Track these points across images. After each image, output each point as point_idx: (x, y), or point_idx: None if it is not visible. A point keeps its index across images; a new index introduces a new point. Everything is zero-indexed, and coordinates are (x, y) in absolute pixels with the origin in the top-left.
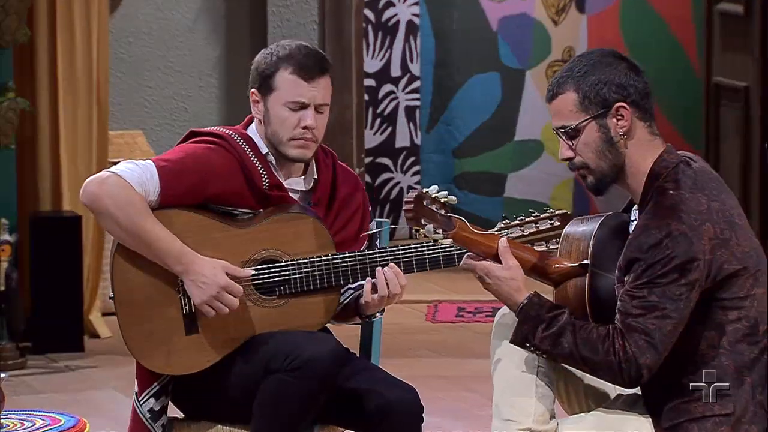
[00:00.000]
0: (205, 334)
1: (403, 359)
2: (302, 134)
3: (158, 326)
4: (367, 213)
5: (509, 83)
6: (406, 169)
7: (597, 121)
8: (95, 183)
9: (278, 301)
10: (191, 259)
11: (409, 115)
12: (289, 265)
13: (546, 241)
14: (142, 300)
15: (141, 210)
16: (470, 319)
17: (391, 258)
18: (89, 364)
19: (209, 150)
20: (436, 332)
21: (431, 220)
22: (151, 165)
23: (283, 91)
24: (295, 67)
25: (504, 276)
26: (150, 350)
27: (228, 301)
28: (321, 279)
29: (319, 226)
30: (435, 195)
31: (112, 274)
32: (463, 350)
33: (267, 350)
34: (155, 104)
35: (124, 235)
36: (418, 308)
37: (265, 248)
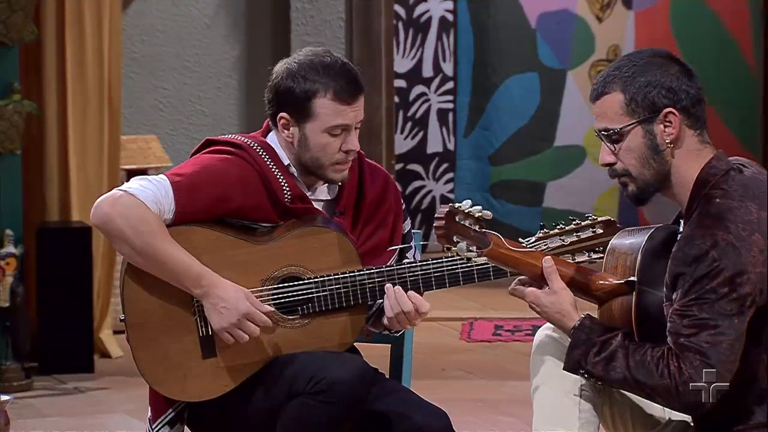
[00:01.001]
0: (223, 357)
1: (435, 381)
2: (344, 158)
3: (173, 350)
4: (401, 213)
5: (549, 85)
6: (438, 177)
7: (643, 126)
8: (107, 203)
9: (301, 321)
10: (212, 282)
11: (441, 119)
12: (311, 283)
13: (588, 251)
14: (155, 322)
15: (156, 230)
16: (508, 337)
17: (421, 272)
18: (99, 386)
19: (227, 162)
20: (471, 352)
21: (464, 237)
22: (165, 181)
23: (324, 119)
24: (336, 92)
25: (551, 301)
26: (164, 375)
27: (249, 329)
28: (346, 296)
29: (343, 240)
30: (468, 210)
31: (123, 294)
32: (500, 371)
33: (289, 372)
34: (170, 107)
35: (139, 257)
36: (452, 326)
37: (287, 265)
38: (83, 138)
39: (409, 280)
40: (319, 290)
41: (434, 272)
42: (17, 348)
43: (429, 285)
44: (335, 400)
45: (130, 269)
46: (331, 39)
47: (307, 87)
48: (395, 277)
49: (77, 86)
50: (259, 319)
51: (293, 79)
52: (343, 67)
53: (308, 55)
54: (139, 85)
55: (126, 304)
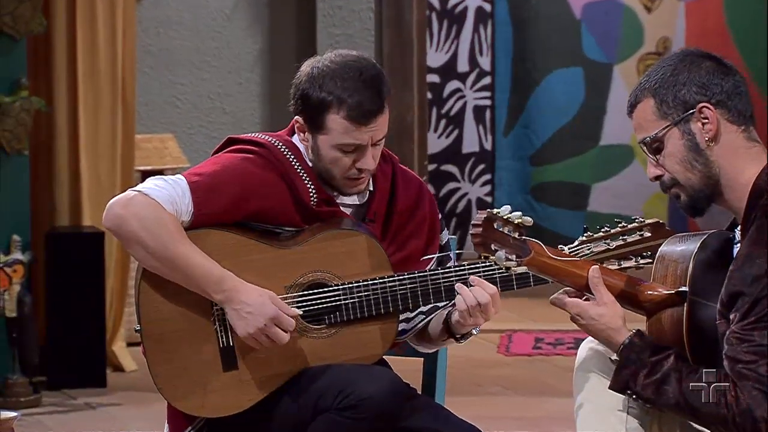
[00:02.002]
0: (244, 370)
1: (471, 397)
2: (357, 175)
3: (192, 362)
4: (437, 223)
5: (594, 80)
6: (474, 179)
7: (679, 128)
8: (120, 204)
9: (328, 331)
10: (234, 286)
11: (478, 116)
12: (339, 290)
13: (635, 255)
14: (172, 332)
15: (173, 232)
16: (549, 351)
17: (456, 278)
18: (112, 402)
19: (249, 161)
20: (509, 366)
21: (503, 246)
22: (182, 181)
23: (335, 136)
24: (350, 111)
25: (599, 314)
26: (183, 390)
27: (277, 335)
28: (376, 304)
29: (373, 244)
30: (507, 216)
31: (138, 302)
32: (540, 387)
33: (316, 386)
34: (188, 104)
35: (155, 262)
36: (489, 338)
37: (312, 271)
38: (95, 137)
39: (444, 286)
40: (347, 298)
41: (470, 274)
42: (24, 361)
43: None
44: (365, 417)
45: (146, 275)
46: (359, 31)
47: (322, 97)
48: (428, 283)
49: (89, 82)
50: (287, 323)
51: (311, 84)
52: (367, 81)
53: (334, 60)
54: (154, 80)
55: (141, 313)
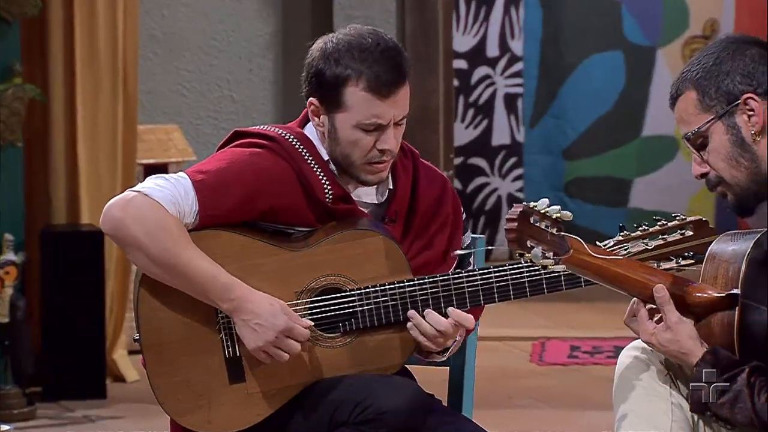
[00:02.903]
0: (252, 383)
1: (501, 410)
2: (379, 157)
3: (195, 374)
4: (460, 223)
5: (635, 65)
6: (505, 173)
7: (723, 121)
8: (118, 206)
9: (342, 340)
10: (242, 294)
11: (509, 105)
12: (354, 295)
13: (676, 256)
14: (174, 342)
15: (176, 236)
16: (586, 360)
17: (481, 282)
18: (113, 414)
19: (258, 156)
20: (542, 377)
21: (540, 242)
22: (185, 179)
23: (354, 112)
24: (370, 83)
25: (668, 339)
26: (186, 404)
27: (289, 346)
28: (395, 311)
29: (391, 245)
30: (545, 210)
31: (137, 310)
32: (576, 400)
33: (331, 399)
34: (195, 92)
35: (157, 269)
36: (521, 346)
37: (325, 274)
38: (94, 128)
39: (468, 290)
40: (363, 304)
41: (497, 281)
42: (18, 370)
43: (491, 296)
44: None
45: (146, 281)
46: (380, 12)
47: (338, 72)
48: (451, 288)
49: (87, 68)
50: (299, 333)
51: (326, 60)
52: (386, 53)
53: (348, 34)
54: (158, 67)
55: (141, 322)
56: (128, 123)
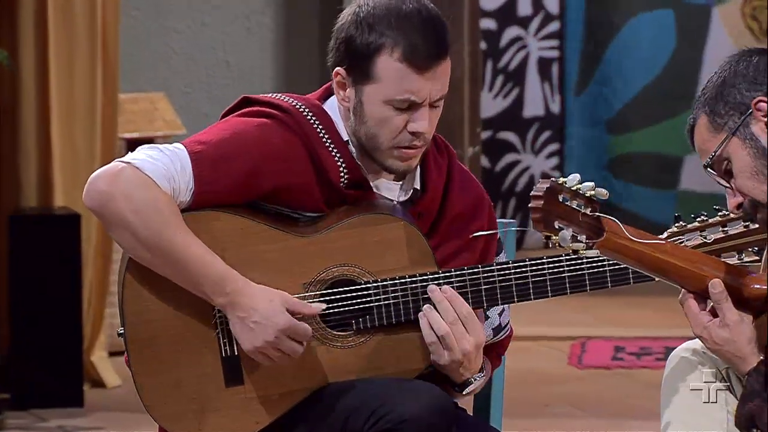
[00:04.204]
0: (252, 386)
1: (534, 419)
2: (409, 141)
3: (187, 375)
4: (494, 240)
5: (688, 25)
6: (539, 149)
7: (739, 135)
8: (104, 179)
9: (355, 339)
10: (239, 288)
11: (543, 72)
12: (370, 288)
13: (738, 252)
14: (164, 339)
15: (168, 217)
16: (632, 363)
17: (515, 275)
18: (91, 425)
19: (265, 128)
20: (582, 381)
21: (570, 223)
22: (181, 151)
23: (386, 85)
24: (406, 53)
25: (723, 339)
26: (175, 409)
27: (290, 348)
28: (416, 308)
29: (413, 233)
30: (576, 186)
31: (122, 301)
32: (621, 408)
33: (343, 406)
34: (184, 56)
35: (145, 252)
36: (558, 347)
37: (337, 264)
38: (69, 98)
39: (500, 285)
40: (380, 298)
41: (532, 275)
42: None
43: (525, 293)
44: None
45: (133, 267)
46: None
47: (371, 40)
48: (480, 282)
49: (61, 29)
50: (303, 332)
51: (358, 26)
52: (428, 22)
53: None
54: (142, 27)
55: (126, 313)
56: (108, 92)
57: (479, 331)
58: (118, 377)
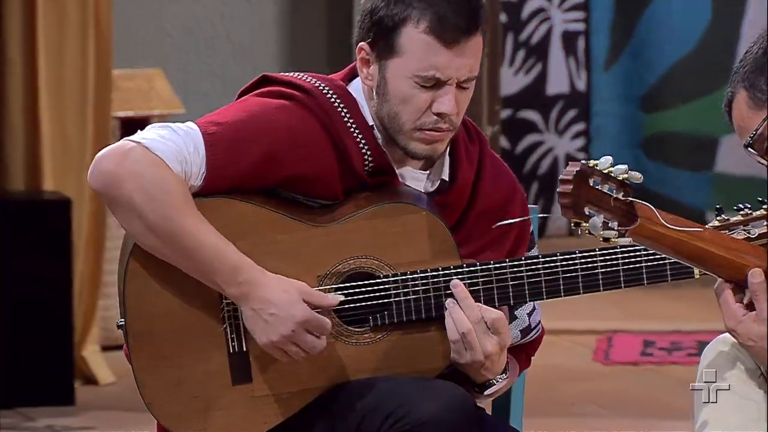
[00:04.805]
0: (261, 384)
1: (557, 419)
2: (434, 123)
3: (192, 372)
4: (526, 236)
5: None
6: (563, 129)
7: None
8: (112, 159)
9: (372, 336)
10: (253, 278)
11: (568, 46)
12: (389, 282)
13: None
14: (167, 332)
15: (180, 201)
16: (662, 358)
17: (545, 270)
18: (83, 424)
19: (285, 110)
20: (609, 378)
21: (600, 209)
22: (195, 131)
23: (410, 59)
24: (433, 24)
25: (759, 335)
26: (178, 407)
27: (308, 342)
28: (438, 303)
29: (436, 224)
30: (608, 170)
31: (124, 291)
32: (651, 407)
33: (357, 406)
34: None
35: (153, 239)
36: (583, 341)
37: (355, 256)
38: (59, 74)
39: (528, 282)
40: (399, 293)
41: (563, 270)
42: None
43: (555, 289)
44: None
45: (138, 253)
46: None
47: (397, 11)
48: (507, 277)
49: (50, 1)
50: (322, 325)
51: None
52: None
53: None
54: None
55: (129, 303)
56: (101, 68)
57: (505, 332)
58: (111, 373)
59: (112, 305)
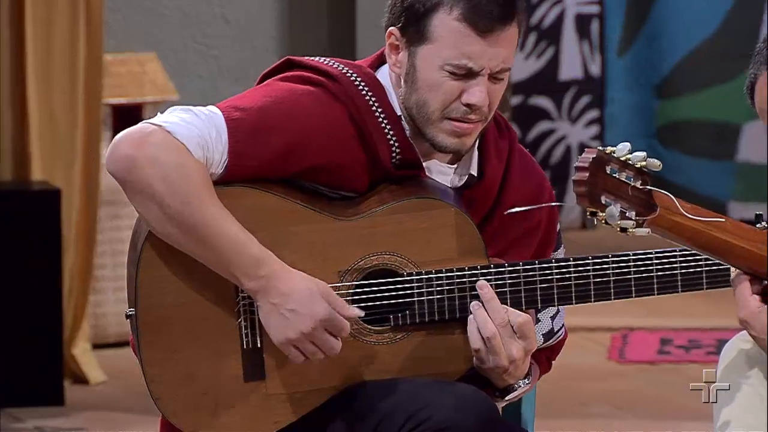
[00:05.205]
0: (274, 382)
1: (569, 420)
2: (463, 113)
3: (202, 367)
4: (553, 236)
5: None
6: (577, 116)
7: None
8: (131, 142)
9: (392, 335)
10: (274, 272)
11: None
12: (413, 281)
13: None
14: (180, 324)
15: (201, 189)
16: (681, 357)
17: (576, 273)
18: (73, 426)
19: (311, 97)
20: (624, 378)
21: (618, 197)
22: (218, 117)
23: (441, 46)
24: (466, 11)
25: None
26: (187, 402)
27: (326, 342)
28: (462, 304)
29: (464, 222)
30: (626, 157)
31: (136, 279)
32: (668, 408)
33: (376, 408)
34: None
35: (171, 227)
36: (597, 339)
37: (378, 252)
38: (47, 58)
39: (557, 285)
40: (422, 292)
41: (594, 275)
42: None
43: (585, 293)
44: None
45: (152, 242)
46: None
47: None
48: (536, 279)
49: None
50: (342, 326)
51: None
52: None
53: None
54: None
55: (140, 293)
56: (92, 52)
57: (532, 337)
58: (102, 372)
59: (103, 301)
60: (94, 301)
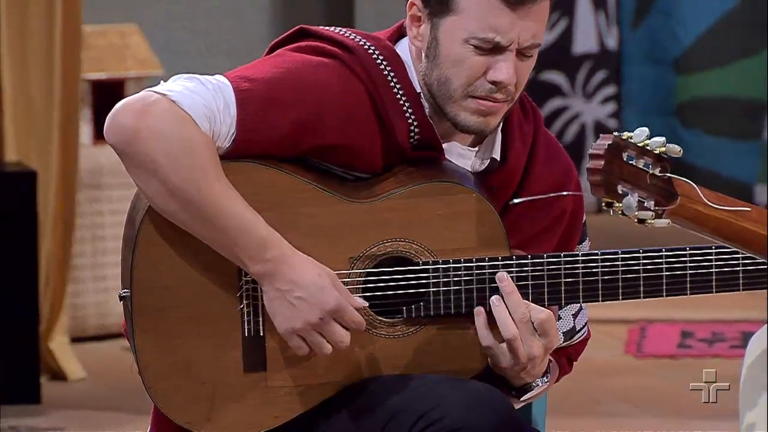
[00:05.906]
0: (276, 373)
1: (583, 418)
2: (488, 92)
3: (201, 355)
4: (578, 226)
5: None
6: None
7: None
8: (132, 111)
9: (404, 328)
10: (283, 256)
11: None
12: (429, 270)
13: None
14: (178, 308)
15: (206, 163)
16: (702, 351)
17: (603, 267)
18: (49, 425)
19: (326, 71)
20: (642, 374)
21: (636, 186)
22: (226, 86)
23: (467, 18)
24: None
25: None
26: (181, 393)
27: (335, 334)
28: (480, 297)
29: (486, 208)
30: (643, 143)
31: (133, 260)
32: (689, 406)
33: (386, 405)
34: None
35: (173, 203)
36: (613, 332)
37: (392, 238)
38: (22, 31)
39: (583, 280)
40: (438, 282)
41: (623, 271)
42: None
43: (612, 291)
44: None
45: (152, 219)
46: None
47: None
48: (560, 272)
49: None
50: (352, 319)
51: None
52: None
53: None
54: None
55: (136, 274)
56: (69, 23)
57: (553, 334)
58: (81, 368)
59: (82, 291)
60: (73, 291)
